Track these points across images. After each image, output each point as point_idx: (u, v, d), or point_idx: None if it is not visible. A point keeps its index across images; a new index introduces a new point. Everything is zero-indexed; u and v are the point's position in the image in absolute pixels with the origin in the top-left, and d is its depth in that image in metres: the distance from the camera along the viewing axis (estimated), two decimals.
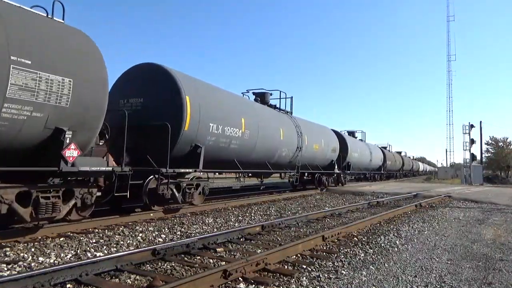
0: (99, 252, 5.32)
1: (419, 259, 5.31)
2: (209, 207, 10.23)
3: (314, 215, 9.15)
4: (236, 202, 11.57)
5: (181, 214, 9.15)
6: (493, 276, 4.58)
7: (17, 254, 5.09)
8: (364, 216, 9.57)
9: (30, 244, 5.65)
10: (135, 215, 8.23)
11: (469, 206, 12.88)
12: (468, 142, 39.04)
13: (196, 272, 4.38)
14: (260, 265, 4.43)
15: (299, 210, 10.79)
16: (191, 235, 6.66)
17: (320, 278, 4.26)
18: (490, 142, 64.90)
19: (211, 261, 4.99)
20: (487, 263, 5.19)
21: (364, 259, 5.20)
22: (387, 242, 6.36)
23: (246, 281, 4.07)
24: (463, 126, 39.95)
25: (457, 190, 20.41)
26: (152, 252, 4.90)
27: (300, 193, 16.26)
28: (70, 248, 5.49)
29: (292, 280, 4.14)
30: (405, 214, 10.21)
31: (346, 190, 18.46)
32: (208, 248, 5.58)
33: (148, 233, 6.73)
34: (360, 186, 23.44)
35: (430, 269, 4.78)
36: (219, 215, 9.30)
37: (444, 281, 4.30)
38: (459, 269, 4.84)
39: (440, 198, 15.04)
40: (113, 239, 6.16)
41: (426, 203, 12.88)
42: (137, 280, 4.16)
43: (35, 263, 4.72)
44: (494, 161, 63.57)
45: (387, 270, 4.67)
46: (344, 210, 10.56)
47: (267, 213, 10.03)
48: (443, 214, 10.33)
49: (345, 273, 4.47)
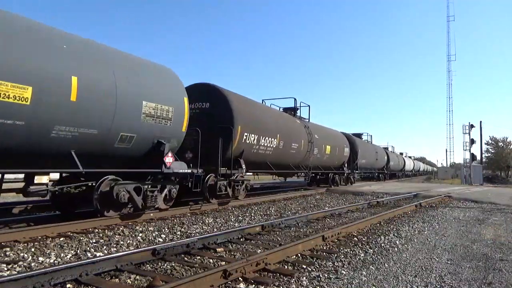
0: (99, 252, 5.32)
1: (419, 259, 5.31)
2: (208, 207, 10.24)
3: (314, 215, 9.15)
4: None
5: (181, 214, 9.16)
6: (493, 276, 4.58)
7: (17, 254, 5.09)
8: (364, 216, 9.58)
9: (30, 244, 5.66)
10: (135, 215, 8.23)
11: (469, 206, 12.89)
12: (468, 142, 39.09)
13: (196, 272, 4.38)
14: (260, 265, 4.43)
15: (299, 210, 10.79)
16: (191, 235, 6.66)
17: (320, 278, 4.26)
18: (490, 142, 65.05)
19: (211, 261, 4.99)
20: (487, 263, 5.19)
21: (364, 259, 5.20)
22: (387, 242, 6.36)
23: (246, 281, 4.07)
24: (463, 126, 40.10)
25: (457, 190, 20.41)
26: (152, 252, 4.90)
27: (300, 193, 16.29)
28: (70, 248, 5.49)
29: (292, 280, 4.14)
30: (405, 214, 10.21)
31: (346, 190, 18.47)
32: (208, 248, 5.58)
33: (148, 233, 6.73)
34: (360, 186, 23.46)
35: (430, 269, 4.78)
36: (219, 215, 9.30)
37: (444, 281, 4.30)
38: (459, 269, 4.85)
39: (440, 198, 15.04)
40: (113, 239, 6.16)
41: (426, 203, 12.88)
42: (137, 280, 4.16)
43: (35, 263, 4.72)
44: (494, 161, 63.67)
45: (387, 270, 4.67)
46: (344, 210, 10.57)
47: (267, 213, 10.04)
48: (443, 214, 10.33)
49: (345, 273, 4.47)
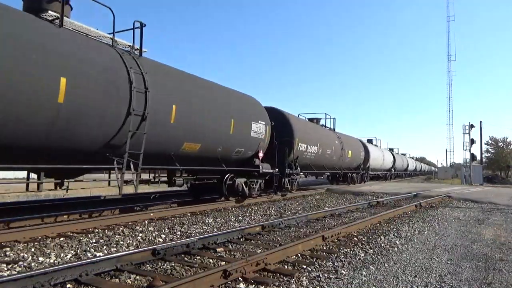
0: (99, 252, 5.32)
1: (419, 259, 5.31)
2: (208, 207, 10.24)
3: (314, 215, 9.14)
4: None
5: (181, 214, 9.17)
6: (493, 276, 4.58)
7: (17, 254, 5.09)
8: (364, 216, 9.57)
9: (30, 244, 5.65)
10: (135, 215, 8.24)
11: (469, 206, 12.89)
12: (468, 142, 39.03)
13: (196, 272, 4.38)
14: (260, 265, 4.43)
15: (299, 210, 10.79)
16: (191, 235, 6.66)
17: (320, 278, 4.26)
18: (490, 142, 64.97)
19: (211, 261, 4.99)
20: (487, 263, 5.19)
21: (364, 259, 5.20)
22: (387, 242, 6.36)
23: (246, 281, 4.07)
24: (463, 126, 40.02)
25: (457, 190, 20.41)
26: (152, 252, 4.90)
27: (300, 193, 16.28)
28: (70, 248, 5.49)
29: (292, 280, 4.14)
30: (405, 214, 10.21)
31: (346, 190, 18.47)
32: (208, 248, 5.58)
33: (148, 233, 6.73)
34: (360, 186, 23.50)
35: (430, 269, 4.78)
36: (219, 215, 9.30)
37: (444, 281, 4.30)
38: (459, 269, 4.85)
39: (440, 198, 15.04)
40: (113, 239, 6.16)
41: (426, 203, 12.88)
42: (137, 280, 4.16)
43: (35, 263, 4.72)
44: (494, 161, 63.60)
45: (387, 270, 4.67)
46: (344, 210, 10.57)
47: (267, 213, 10.04)
48: (443, 214, 10.33)
49: (345, 273, 4.47)
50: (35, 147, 6.07)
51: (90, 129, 6.64)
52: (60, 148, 6.44)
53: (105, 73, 6.84)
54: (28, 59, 5.58)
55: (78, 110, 6.31)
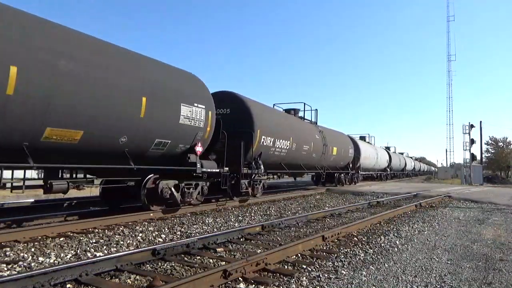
0: (99, 252, 5.32)
1: (419, 259, 5.31)
2: (208, 207, 10.24)
3: (314, 215, 9.15)
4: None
5: (181, 214, 9.16)
6: (493, 276, 4.58)
7: (17, 254, 5.09)
8: (364, 216, 9.57)
9: (30, 244, 5.65)
10: (135, 215, 8.23)
11: (469, 206, 12.88)
12: (468, 142, 39.04)
13: (196, 272, 4.38)
14: (260, 265, 4.43)
15: (299, 210, 10.79)
16: (191, 235, 6.66)
17: (320, 278, 4.26)
18: (490, 142, 65.06)
19: (211, 261, 4.99)
20: (487, 263, 5.19)
21: (364, 259, 5.20)
22: (387, 242, 6.36)
23: (246, 281, 4.07)
24: (463, 126, 40.04)
25: (457, 190, 20.41)
26: (152, 252, 4.90)
27: (300, 192, 16.29)
28: (70, 248, 5.49)
29: (292, 280, 4.14)
30: (405, 214, 10.21)
31: (346, 190, 18.48)
32: (208, 248, 5.58)
33: (148, 233, 6.73)
34: (360, 186, 23.47)
35: (430, 269, 4.78)
36: (219, 215, 9.30)
37: (444, 281, 4.30)
38: (459, 269, 4.85)
39: (440, 198, 15.04)
40: (113, 239, 6.16)
41: (426, 203, 12.88)
42: (137, 280, 4.16)
43: (35, 263, 4.72)
44: (494, 161, 63.66)
45: (387, 270, 4.67)
46: (344, 210, 10.57)
47: (267, 213, 10.04)
48: (443, 214, 10.33)
49: (345, 273, 4.47)
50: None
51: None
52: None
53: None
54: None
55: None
